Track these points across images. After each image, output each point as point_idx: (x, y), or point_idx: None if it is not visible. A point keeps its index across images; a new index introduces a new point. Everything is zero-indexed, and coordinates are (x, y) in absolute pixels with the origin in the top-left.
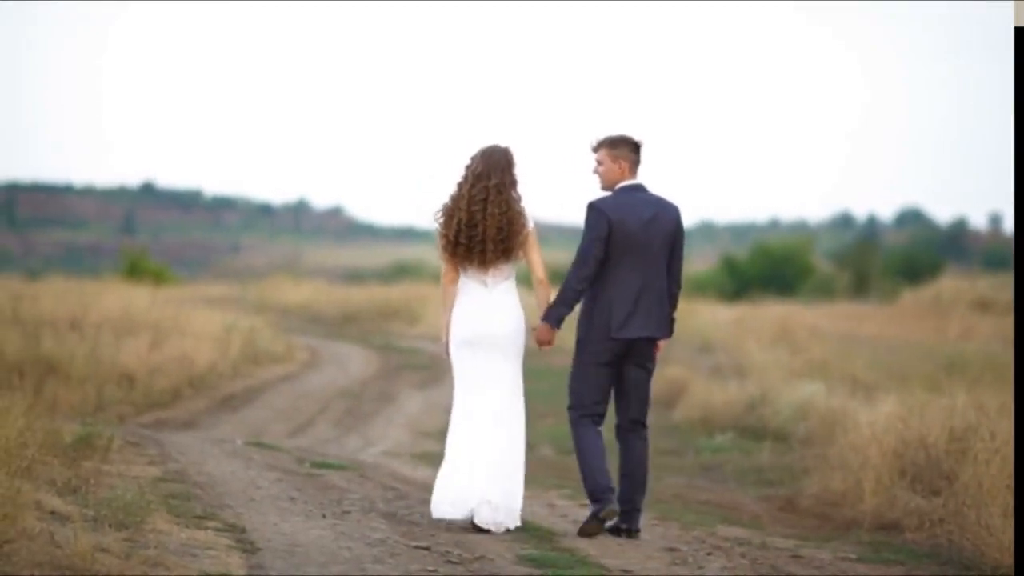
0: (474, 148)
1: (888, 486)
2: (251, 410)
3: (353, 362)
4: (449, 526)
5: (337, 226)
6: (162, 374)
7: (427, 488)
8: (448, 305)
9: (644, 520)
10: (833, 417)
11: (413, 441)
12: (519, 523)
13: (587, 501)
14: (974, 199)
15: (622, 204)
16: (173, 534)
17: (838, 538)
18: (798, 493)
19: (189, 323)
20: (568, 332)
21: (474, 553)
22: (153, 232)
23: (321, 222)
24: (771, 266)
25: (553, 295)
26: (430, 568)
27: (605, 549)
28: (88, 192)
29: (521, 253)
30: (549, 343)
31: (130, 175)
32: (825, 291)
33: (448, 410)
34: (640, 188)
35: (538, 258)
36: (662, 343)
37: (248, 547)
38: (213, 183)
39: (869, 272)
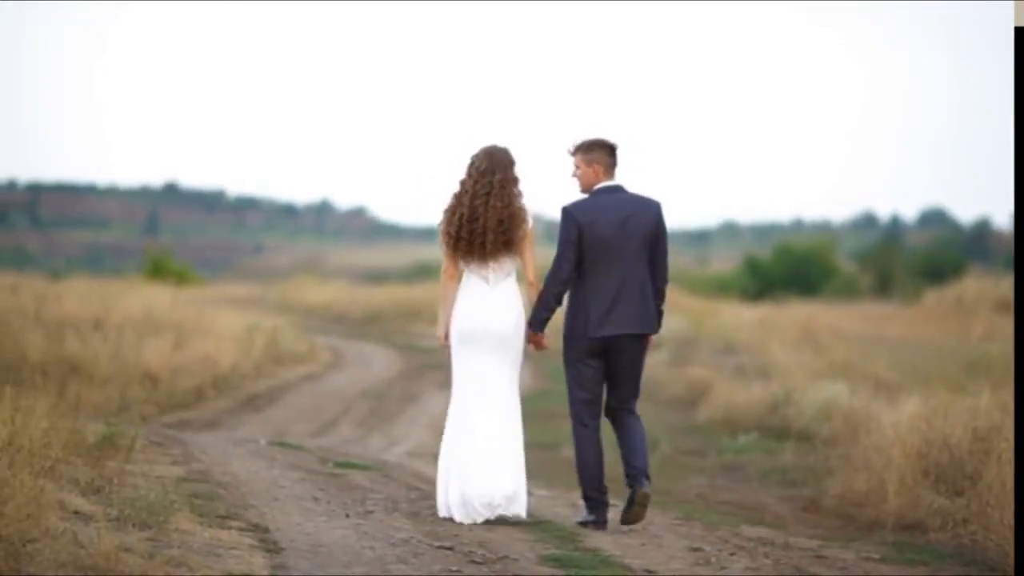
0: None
1: (911, 486)
2: (274, 410)
3: (376, 362)
4: (472, 526)
5: (360, 226)
6: (185, 374)
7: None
8: (447, 301)
9: (666, 520)
10: (856, 418)
11: (436, 441)
12: (524, 514)
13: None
14: (997, 199)
15: (594, 206)
16: (196, 534)
17: (861, 538)
18: (821, 493)
19: (212, 323)
20: None
21: (497, 553)
22: (176, 232)
23: (344, 222)
24: (794, 266)
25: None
26: (453, 568)
27: (628, 549)
28: (111, 192)
29: (519, 251)
30: (543, 346)
31: (153, 175)
32: (848, 291)
33: None
34: (617, 189)
35: (532, 259)
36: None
37: (271, 547)
38: (236, 183)
39: (892, 272)
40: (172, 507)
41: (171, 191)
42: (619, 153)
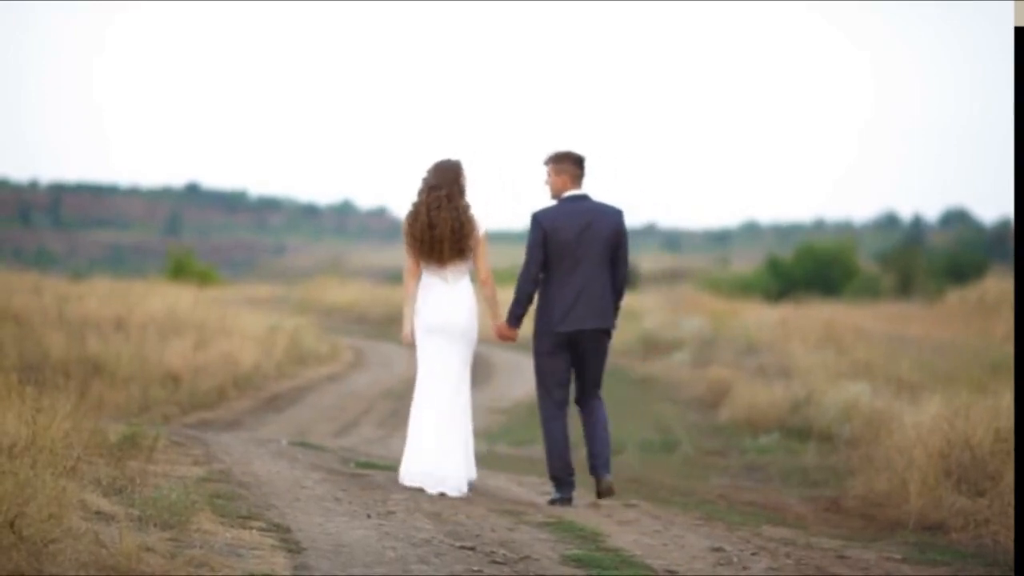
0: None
1: (933, 487)
2: (296, 410)
3: (397, 362)
4: (495, 526)
5: (382, 226)
6: (207, 374)
7: (474, 488)
8: (410, 297)
9: (688, 520)
10: (878, 418)
11: None
12: (474, 477)
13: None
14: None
15: (559, 213)
16: (218, 534)
17: (883, 539)
18: (843, 494)
19: (234, 323)
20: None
21: (519, 553)
22: (198, 232)
23: (366, 222)
24: (816, 267)
25: (500, 293)
26: (475, 568)
27: (650, 549)
28: (133, 192)
29: (471, 256)
30: (511, 339)
31: (175, 175)
32: (870, 292)
33: (492, 410)
34: (582, 198)
35: (483, 261)
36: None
37: (293, 547)
38: (258, 184)
39: (914, 273)
40: (194, 507)
41: (193, 191)
42: (586, 165)
